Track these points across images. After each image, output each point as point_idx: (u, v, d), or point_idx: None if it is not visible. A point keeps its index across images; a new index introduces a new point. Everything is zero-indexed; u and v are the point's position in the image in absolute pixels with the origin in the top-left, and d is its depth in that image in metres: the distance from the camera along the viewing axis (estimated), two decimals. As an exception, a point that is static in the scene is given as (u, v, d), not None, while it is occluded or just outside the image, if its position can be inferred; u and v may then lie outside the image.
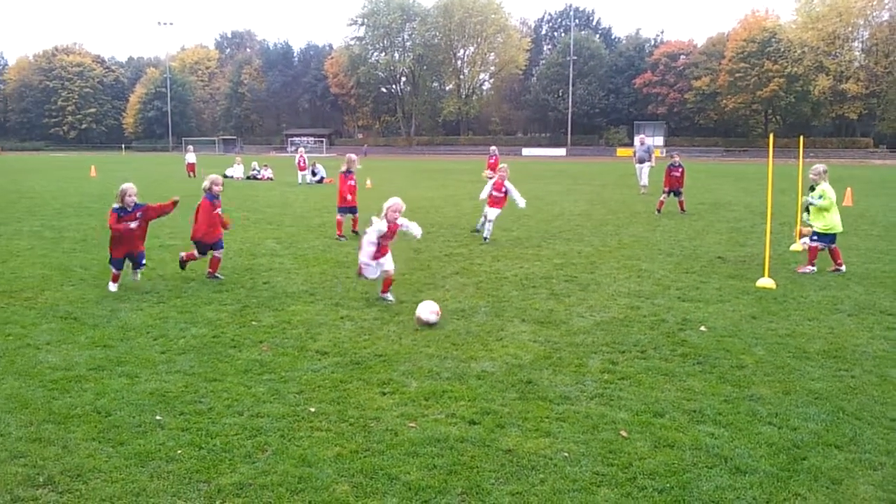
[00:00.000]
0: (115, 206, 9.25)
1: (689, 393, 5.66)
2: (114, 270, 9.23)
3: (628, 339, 7.12)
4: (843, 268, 10.52)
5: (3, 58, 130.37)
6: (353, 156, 14.53)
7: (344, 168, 14.16)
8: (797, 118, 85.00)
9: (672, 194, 18.98)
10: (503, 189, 13.65)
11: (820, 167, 10.81)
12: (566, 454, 4.58)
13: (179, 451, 4.56)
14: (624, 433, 4.90)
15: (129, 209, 9.29)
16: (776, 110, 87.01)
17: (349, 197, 14.08)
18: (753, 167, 50.72)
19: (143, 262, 9.60)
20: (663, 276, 10.33)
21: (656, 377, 6.02)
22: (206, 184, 9.98)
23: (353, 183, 14.16)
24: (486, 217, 13.83)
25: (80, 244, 13.14)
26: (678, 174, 18.94)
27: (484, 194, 13.87)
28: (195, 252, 9.99)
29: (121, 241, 9.16)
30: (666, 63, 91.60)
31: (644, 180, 25.49)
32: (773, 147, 10.47)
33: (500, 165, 14.16)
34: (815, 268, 10.48)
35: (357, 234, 13.14)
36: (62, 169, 47.23)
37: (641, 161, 25.79)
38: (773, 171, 10.27)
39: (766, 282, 9.59)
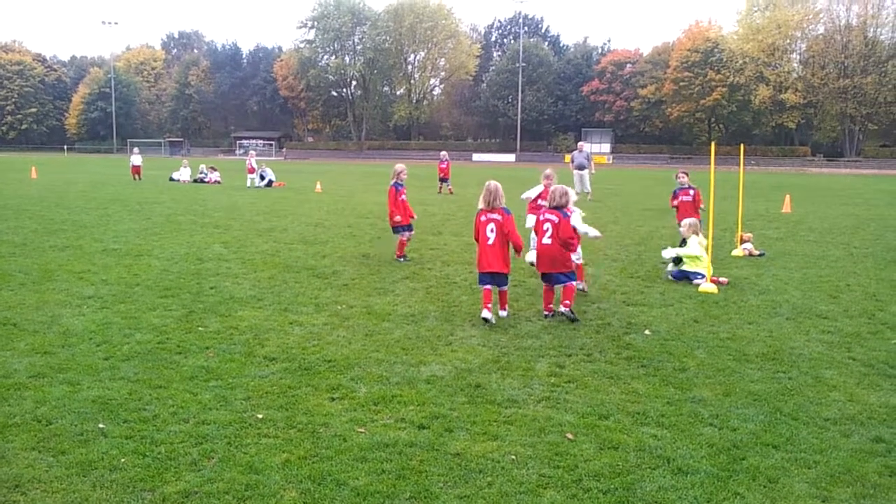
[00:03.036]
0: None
1: (633, 395, 5.78)
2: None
3: (575, 342, 7.24)
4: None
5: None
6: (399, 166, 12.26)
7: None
8: (739, 127, 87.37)
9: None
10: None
11: (690, 220, 10.72)
12: (513, 457, 4.64)
13: (123, 460, 4.48)
14: (570, 436, 4.98)
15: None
16: (719, 119, 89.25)
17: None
18: (697, 174, 51.82)
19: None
20: (609, 280, 10.52)
21: (602, 380, 6.13)
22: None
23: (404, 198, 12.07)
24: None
25: (19, 248, 12.76)
26: (689, 198, 13.95)
27: (530, 193, 11.21)
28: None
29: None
30: (612, 71, 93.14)
31: (587, 187, 25.67)
32: (716, 155, 10.77)
33: (546, 172, 11.33)
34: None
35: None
36: (0, 170, 45.75)
37: (581, 168, 25.83)
38: (715, 178, 10.55)
39: (708, 286, 9.84)
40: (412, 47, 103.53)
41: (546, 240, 8.18)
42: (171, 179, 35.42)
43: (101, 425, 5.00)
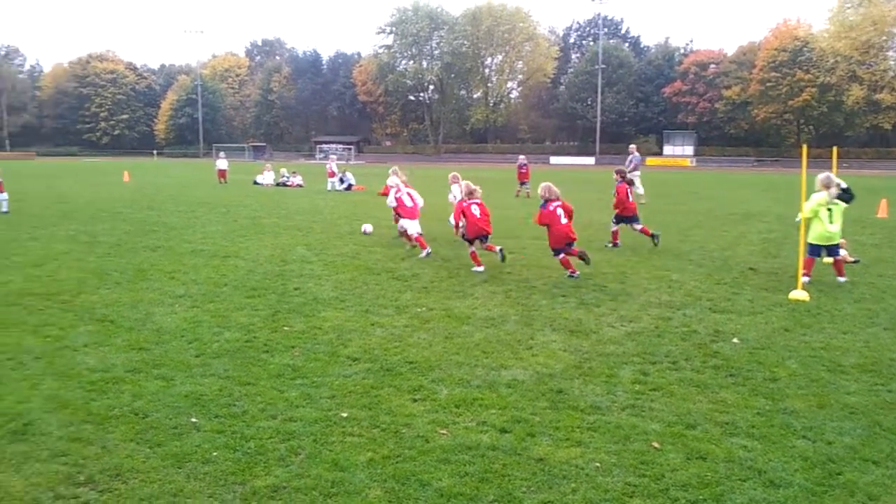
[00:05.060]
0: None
1: (721, 405, 5.62)
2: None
3: (659, 349, 7.09)
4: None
5: (39, 65, 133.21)
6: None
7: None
8: (830, 128, 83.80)
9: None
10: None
11: (822, 175, 10.67)
12: (598, 464, 4.58)
13: (215, 453, 4.64)
14: (656, 444, 4.88)
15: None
16: (808, 120, 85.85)
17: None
18: (785, 177, 50.11)
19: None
20: (694, 286, 10.25)
21: (688, 389, 5.99)
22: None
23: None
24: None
25: (114, 248, 13.37)
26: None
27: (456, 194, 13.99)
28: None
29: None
30: (696, 72, 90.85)
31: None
32: (807, 157, 10.39)
33: (451, 174, 15.16)
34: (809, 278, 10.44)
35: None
36: (95, 174, 48.04)
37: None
38: (806, 182, 10.17)
39: (799, 294, 9.48)
40: (489, 51, 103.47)
41: (564, 220, 10.88)
42: (255, 183, 36.46)
43: (193, 419, 5.19)
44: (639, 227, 13.97)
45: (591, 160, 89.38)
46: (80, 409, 5.37)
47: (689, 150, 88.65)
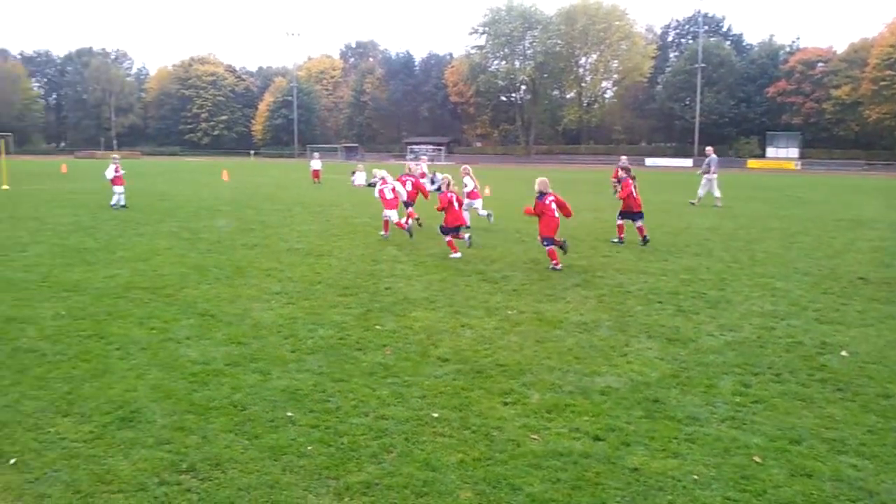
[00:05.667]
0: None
1: (828, 421, 5.34)
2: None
3: (762, 360, 6.80)
4: None
5: (145, 68, 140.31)
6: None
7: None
8: (950, 130, 78.62)
9: None
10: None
11: None
12: (696, 477, 4.42)
13: (310, 448, 4.73)
14: (757, 459, 4.68)
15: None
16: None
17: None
18: (897, 182, 47.32)
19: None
20: (800, 295, 9.78)
21: (792, 402, 5.71)
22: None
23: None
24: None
25: (214, 245, 13.87)
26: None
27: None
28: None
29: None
30: (802, 71, 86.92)
31: (710, 191, 24.66)
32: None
33: (463, 167, 16.64)
34: None
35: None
36: (196, 173, 50.08)
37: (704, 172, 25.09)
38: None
39: (914, 306, 8.90)
40: (584, 50, 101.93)
41: (557, 213, 11.75)
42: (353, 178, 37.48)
43: (289, 413, 5.31)
44: (638, 223, 14.52)
45: (688, 162, 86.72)
46: (183, 399, 5.58)
47: (794, 152, 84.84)
